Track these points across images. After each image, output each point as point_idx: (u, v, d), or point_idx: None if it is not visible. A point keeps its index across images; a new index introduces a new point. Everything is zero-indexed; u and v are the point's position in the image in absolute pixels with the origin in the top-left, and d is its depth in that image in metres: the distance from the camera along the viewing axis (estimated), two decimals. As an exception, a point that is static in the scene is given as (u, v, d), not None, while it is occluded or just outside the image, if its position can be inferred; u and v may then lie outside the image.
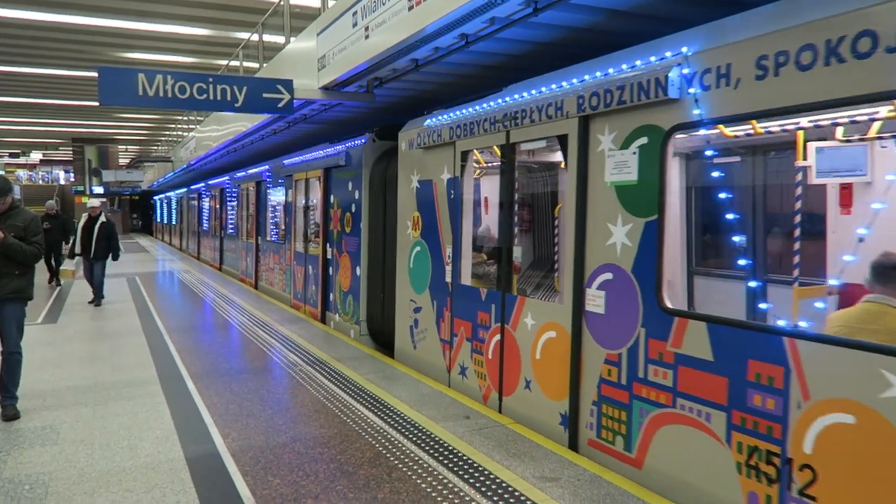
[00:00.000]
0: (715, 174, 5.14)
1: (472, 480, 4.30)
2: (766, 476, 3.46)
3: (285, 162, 12.45)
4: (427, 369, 7.03)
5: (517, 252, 6.16)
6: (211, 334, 9.43)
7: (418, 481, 4.29)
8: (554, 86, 5.16)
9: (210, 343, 8.70)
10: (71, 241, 11.75)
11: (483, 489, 4.17)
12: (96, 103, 10.54)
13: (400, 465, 4.55)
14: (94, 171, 42.16)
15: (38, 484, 4.26)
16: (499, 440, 5.03)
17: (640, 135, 4.30)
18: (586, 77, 4.80)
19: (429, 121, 6.96)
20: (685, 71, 3.96)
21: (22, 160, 55.52)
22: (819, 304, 4.49)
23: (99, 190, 42.67)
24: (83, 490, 4.16)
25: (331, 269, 10.00)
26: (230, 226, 17.78)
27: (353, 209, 9.08)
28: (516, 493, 4.10)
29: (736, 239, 4.78)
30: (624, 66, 4.47)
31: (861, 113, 4.04)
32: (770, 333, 3.50)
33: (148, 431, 5.25)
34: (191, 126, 23.34)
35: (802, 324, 4.38)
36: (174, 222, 31.66)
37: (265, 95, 7.72)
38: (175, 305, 12.14)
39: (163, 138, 39.96)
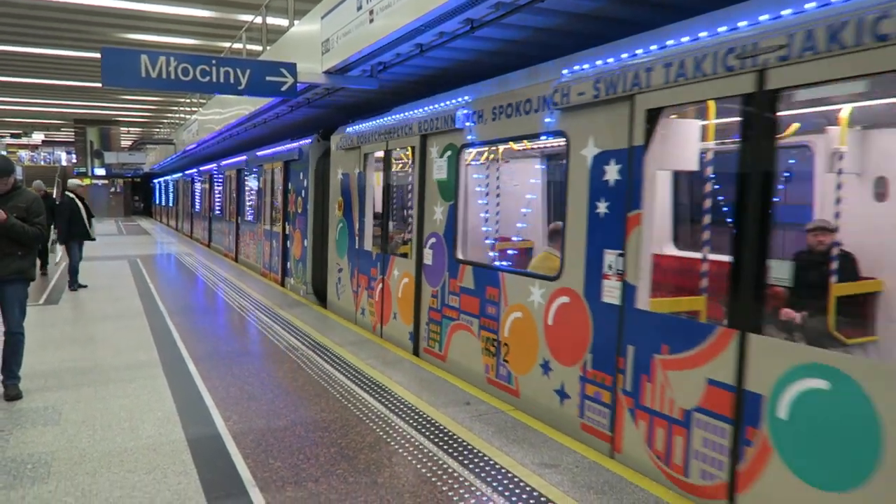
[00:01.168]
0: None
1: (471, 466, 4.32)
2: (491, 353, 5.96)
3: (258, 154, 14.58)
4: (345, 314, 9.47)
5: (390, 225, 8.57)
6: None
7: (418, 466, 4.32)
8: (409, 112, 7.53)
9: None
10: (87, 224, 11.62)
11: (483, 475, 4.19)
12: (99, 84, 10.74)
13: (400, 450, 4.58)
14: (96, 152, 42.07)
15: (41, 463, 4.29)
16: (498, 426, 5.06)
17: (447, 149, 6.68)
18: (426, 108, 7.18)
19: (348, 129, 9.21)
20: (465, 111, 6.32)
21: (24, 141, 55.37)
22: (511, 251, 7.98)
23: (101, 172, 42.65)
24: (85, 470, 4.19)
25: (288, 243, 12.38)
26: (217, 208, 20.02)
27: (303, 194, 11.37)
28: (515, 479, 4.13)
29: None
30: (441, 104, 6.86)
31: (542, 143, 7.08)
32: (494, 270, 6.05)
33: (149, 413, 5.28)
34: (193, 109, 23.26)
35: (506, 263, 7.39)
36: (171, 204, 33.89)
37: (268, 79, 7.68)
38: (170, 281, 12.41)
39: (165, 120, 39.85)
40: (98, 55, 7.12)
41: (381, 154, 8.33)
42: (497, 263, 6.90)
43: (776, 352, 3.50)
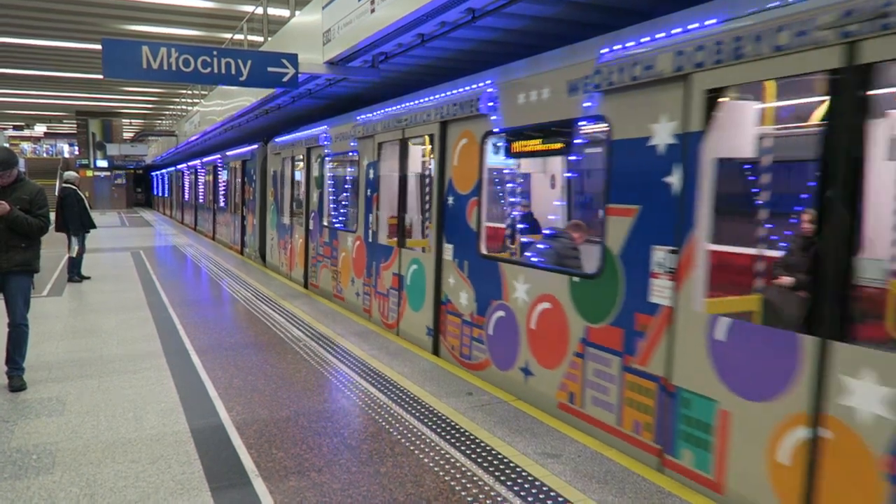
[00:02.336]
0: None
1: (473, 456, 4.34)
2: (335, 279, 9.95)
3: (227, 154, 18.55)
4: (274, 268, 13.67)
5: (295, 204, 12.39)
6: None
7: (421, 456, 4.34)
8: (301, 133, 11.60)
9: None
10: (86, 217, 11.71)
11: (485, 465, 4.21)
12: (100, 76, 10.92)
13: (402, 440, 4.59)
14: (98, 144, 42.01)
15: (45, 454, 4.31)
16: (501, 417, 5.07)
17: (318, 157, 10.66)
18: (309, 131, 11.08)
19: (276, 140, 13.32)
20: (325, 135, 10.15)
21: (26, 133, 55.34)
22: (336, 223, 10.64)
23: (103, 164, 42.62)
24: (89, 460, 4.22)
25: (245, 222, 16.45)
26: (200, 197, 24.15)
27: (253, 186, 15.27)
28: (518, 469, 4.14)
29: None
30: (314, 129, 10.75)
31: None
32: (335, 230, 10.00)
33: (153, 404, 5.30)
34: (195, 101, 23.24)
35: (333, 224, 10.49)
36: (167, 195, 37.52)
37: (270, 70, 7.66)
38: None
39: (167, 112, 39.79)
40: (99, 46, 7.10)
41: (290, 158, 12.41)
42: (336, 225, 10.32)
43: (407, 255, 7.58)
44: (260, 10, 12.69)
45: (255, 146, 14.93)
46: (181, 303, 9.71)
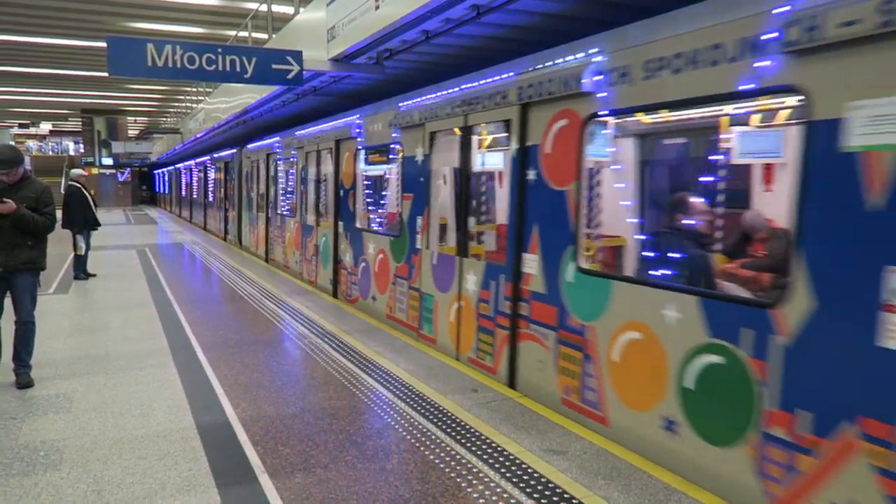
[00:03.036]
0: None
1: (479, 452, 4.34)
2: (286, 254, 13.21)
3: (215, 155, 21.98)
4: (248, 249, 16.71)
5: (260, 198, 15.43)
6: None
7: (426, 453, 4.34)
8: (264, 141, 15.05)
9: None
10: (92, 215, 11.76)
11: (490, 461, 4.21)
12: (105, 74, 11.05)
13: (408, 437, 4.60)
14: (104, 142, 42.17)
15: (53, 450, 4.33)
16: (506, 413, 5.07)
17: (274, 161, 14.03)
18: (269, 140, 14.55)
19: (248, 146, 16.55)
20: (278, 144, 13.69)
21: (32, 131, 55.50)
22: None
23: (108, 161, 42.74)
24: (96, 457, 4.23)
25: (227, 214, 19.77)
26: (195, 194, 27.78)
27: (234, 183, 18.45)
28: (523, 466, 4.15)
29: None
30: (270, 140, 14.52)
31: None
32: (285, 217, 13.20)
33: (160, 401, 5.32)
34: (199, 98, 23.28)
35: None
36: (167, 192, 40.86)
37: (274, 67, 7.65)
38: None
39: (172, 110, 39.85)
40: (104, 44, 7.11)
41: (256, 161, 15.64)
42: (285, 213, 13.06)
43: (321, 231, 10.81)
44: (264, 8, 12.69)
45: (235, 150, 18.16)
46: (185, 299, 9.74)
